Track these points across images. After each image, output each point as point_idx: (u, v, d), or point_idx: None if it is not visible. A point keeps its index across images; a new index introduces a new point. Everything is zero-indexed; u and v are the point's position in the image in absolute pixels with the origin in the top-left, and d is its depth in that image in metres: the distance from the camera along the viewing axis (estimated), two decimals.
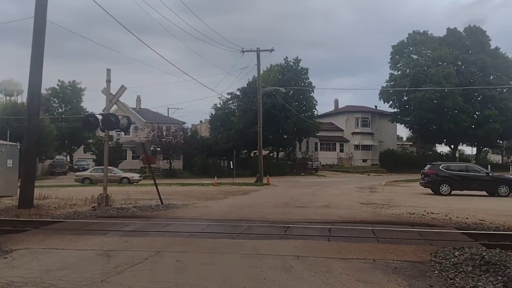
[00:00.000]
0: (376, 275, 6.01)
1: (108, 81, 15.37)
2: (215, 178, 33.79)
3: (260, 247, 7.79)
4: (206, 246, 7.87)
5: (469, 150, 75.28)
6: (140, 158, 31.46)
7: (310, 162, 54.13)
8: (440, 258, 6.85)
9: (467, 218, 12.45)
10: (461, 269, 6.19)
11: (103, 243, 8.13)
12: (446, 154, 61.33)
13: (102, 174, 31.82)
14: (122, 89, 15.38)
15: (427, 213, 13.43)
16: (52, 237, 8.82)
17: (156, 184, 16.51)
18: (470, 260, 6.45)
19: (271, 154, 53.42)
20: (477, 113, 52.53)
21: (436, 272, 6.20)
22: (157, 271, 6.16)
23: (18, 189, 15.60)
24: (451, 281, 5.77)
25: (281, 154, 56.81)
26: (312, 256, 7.07)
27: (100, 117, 15.21)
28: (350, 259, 6.88)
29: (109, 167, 34.15)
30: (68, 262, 6.69)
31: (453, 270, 6.20)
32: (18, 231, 9.73)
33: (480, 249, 7.12)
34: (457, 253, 6.98)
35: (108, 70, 15.48)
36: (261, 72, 40.09)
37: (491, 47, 54.36)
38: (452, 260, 6.63)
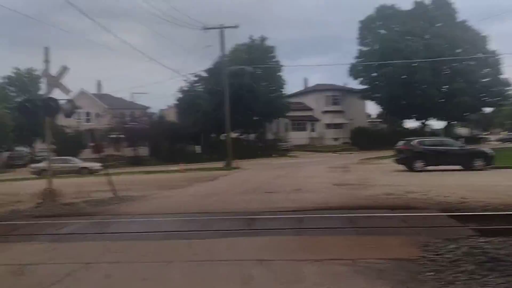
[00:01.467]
0: (358, 283, 4.75)
1: (47, 61, 13.46)
2: (180, 164, 32.10)
3: (217, 250, 6.43)
4: (150, 252, 6.44)
5: (436, 124, 75.82)
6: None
7: (282, 143, 52.96)
8: (433, 253, 5.63)
9: (447, 196, 11.54)
10: (462, 268, 5.00)
11: (24, 254, 6.60)
12: (415, 129, 61.23)
13: (61, 165, 30.14)
14: (64, 70, 13.55)
15: (405, 193, 12.48)
16: None
17: (108, 174, 14.87)
18: (470, 255, 5.29)
19: (241, 136, 51.93)
20: (445, 86, 52.33)
21: (431, 273, 4.98)
22: None
23: None
24: (452, 286, 4.58)
25: (252, 136, 55.37)
26: (279, 259, 5.75)
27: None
28: (325, 261, 5.57)
29: (67, 157, 32.59)
30: None
31: (451, 270, 4.99)
32: None
33: (478, 240, 5.96)
34: (452, 246, 5.79)
35: (46, 49, 13.53)
36: (227, 52, 38.38)
37: (458, 20, 53.98)
38: (448, 256, 5.43)
